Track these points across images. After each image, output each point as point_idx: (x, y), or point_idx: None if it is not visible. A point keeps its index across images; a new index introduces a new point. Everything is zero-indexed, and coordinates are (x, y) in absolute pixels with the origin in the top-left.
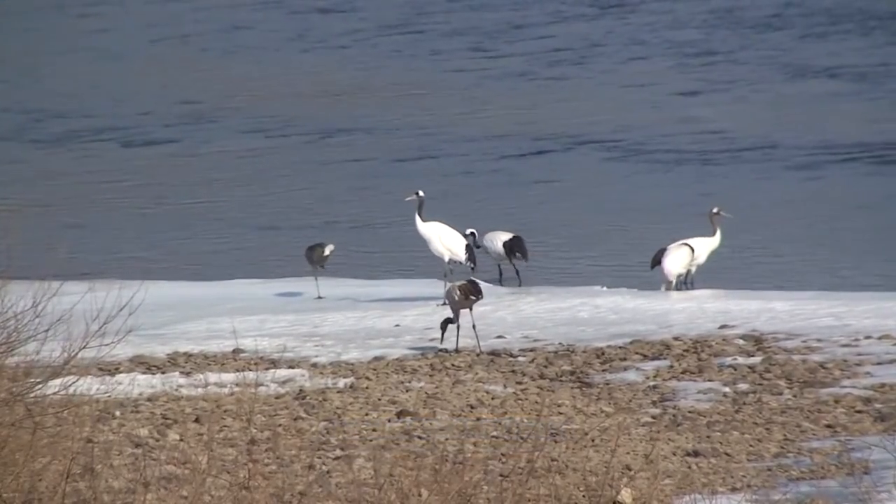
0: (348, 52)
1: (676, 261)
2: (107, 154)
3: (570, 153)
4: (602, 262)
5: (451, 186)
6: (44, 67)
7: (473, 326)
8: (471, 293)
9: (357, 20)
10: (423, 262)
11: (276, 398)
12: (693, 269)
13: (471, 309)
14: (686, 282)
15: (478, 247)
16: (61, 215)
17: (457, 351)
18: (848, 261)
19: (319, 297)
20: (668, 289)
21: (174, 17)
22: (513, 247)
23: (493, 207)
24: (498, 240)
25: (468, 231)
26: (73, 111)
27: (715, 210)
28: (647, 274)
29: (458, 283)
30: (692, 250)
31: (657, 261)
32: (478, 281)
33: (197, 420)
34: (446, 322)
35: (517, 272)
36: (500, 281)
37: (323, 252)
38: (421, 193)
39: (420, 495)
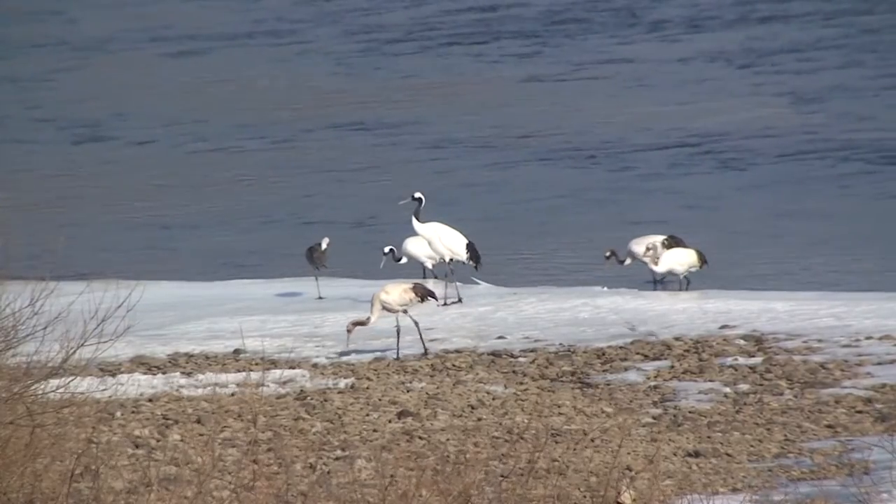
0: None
1: (676, 257)
2: (106, 153)
3: (568, 155)
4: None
5: (437, 187)
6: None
7: (416, 324)
8: (426, 295)
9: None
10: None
11: (277, 399)
12: (687, 273)
13: (404, 312)
14: (682, 284)
15: (398, 260)
16: (59, 215)
17: (457, 351)
18: (848, 261)
19: (320, 298)
20: (654, 273)
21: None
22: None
23: (494, 208)
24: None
25: (386, 248)
26: (70, 112)
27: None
28: (648, 274)
29: (408, 286)
30: (701, 258)
31: None
32: (424, 284)
33: (198, 420)
34: (356, 324)
35: (438, 275)
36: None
37: (320, 248)
38: (417, 195)
39: (421, 496)
